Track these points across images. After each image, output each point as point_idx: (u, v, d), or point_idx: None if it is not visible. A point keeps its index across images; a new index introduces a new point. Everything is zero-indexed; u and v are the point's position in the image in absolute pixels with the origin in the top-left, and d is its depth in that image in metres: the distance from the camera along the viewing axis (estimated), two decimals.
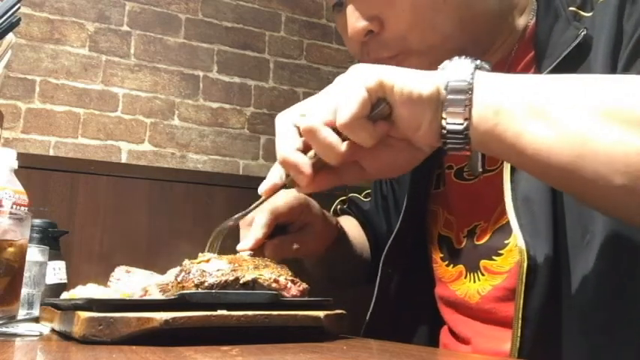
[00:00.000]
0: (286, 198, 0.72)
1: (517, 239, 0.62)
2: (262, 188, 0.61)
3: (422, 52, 0.68)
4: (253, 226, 0.70)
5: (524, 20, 0.74)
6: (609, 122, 0.46)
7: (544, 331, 0.60)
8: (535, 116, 0.49)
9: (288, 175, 0.58)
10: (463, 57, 0.54)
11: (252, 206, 0.64)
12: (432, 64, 0.65)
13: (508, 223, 0.65)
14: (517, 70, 0.72)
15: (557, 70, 0.65)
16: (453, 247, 0.75)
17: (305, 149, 0.56)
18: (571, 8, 0.69)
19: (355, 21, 0.69)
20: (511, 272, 0.66)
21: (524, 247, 0.61)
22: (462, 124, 0.50)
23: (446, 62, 0.54)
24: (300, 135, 0.55)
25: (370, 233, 0.93)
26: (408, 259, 0.82)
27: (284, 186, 0.60)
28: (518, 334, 0.59)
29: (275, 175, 0.60)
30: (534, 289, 0.60)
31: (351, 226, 0.91)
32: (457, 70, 0.52)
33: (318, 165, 0.55)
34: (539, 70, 0.68)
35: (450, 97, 0.50)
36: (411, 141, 0.55)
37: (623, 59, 0.60)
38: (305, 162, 0.55)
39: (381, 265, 0.81)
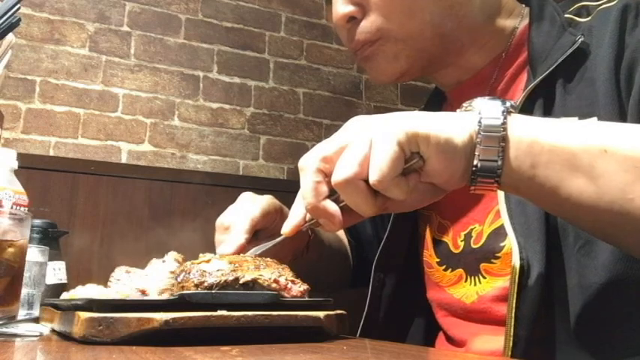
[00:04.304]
0: (262, 204, 0.71)
1: (511, 241, 0.62)
2: (286, 228, 0.60)
3: (400, 38, 0.71)
4: (234, 231, 0.68)
5: (511, 23, 0.75)
6: None
7: (537, 332, 0.60)
8: (575, 170, 0.49)
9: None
10: (490, 97, 0.53)
11: (272, 243, 0.64)
12: (410, 52, 0.72)
13: (503, 225, 0.65)
14: (509, 71, 0.73)
15: (552, 75, 0.66)
16: (451, 251, 0.75)
17: (330, 192, 0.55)
18: (566, 15, 0.70)
19: (340, 7, 0.72)
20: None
21: (517, 248, 0.61)
22: (495, 160, 0.50)
23: (477, 100, 0.53)
24: (325, 180, 0.54)
25: (352, 237, 0.93)
26: (400, 265, 0.82)
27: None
28: (511, 334, 0.60)
29: (299, 215, 0.60)
30: (527, 290, 0.60)
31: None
32: (488, 108, 0.51)
33: (346, 208, 0.55)
34: (532, 74, 0.69)
35: (483, 133, 0.50)
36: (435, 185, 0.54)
37: (624, 73, 0.61)
38: (336, 211, 0.54)
39: (372, 270, 0.81)
